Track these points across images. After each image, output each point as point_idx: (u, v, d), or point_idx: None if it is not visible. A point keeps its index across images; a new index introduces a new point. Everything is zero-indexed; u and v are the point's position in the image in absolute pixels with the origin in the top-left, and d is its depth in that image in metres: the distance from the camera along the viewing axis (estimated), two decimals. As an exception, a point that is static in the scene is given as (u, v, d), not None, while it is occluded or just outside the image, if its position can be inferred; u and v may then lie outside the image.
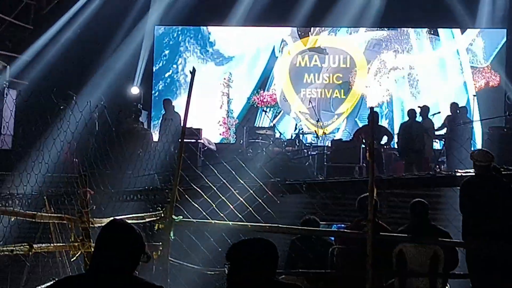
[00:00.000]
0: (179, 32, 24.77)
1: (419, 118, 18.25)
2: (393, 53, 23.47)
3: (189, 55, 24.58)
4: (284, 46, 24.09)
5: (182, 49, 24.75)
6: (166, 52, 24.83)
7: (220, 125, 23.93)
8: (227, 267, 4.45)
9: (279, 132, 21.05)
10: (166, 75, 24.79)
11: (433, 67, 23.33)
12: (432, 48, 23.50)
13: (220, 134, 23.90)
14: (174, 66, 24.71)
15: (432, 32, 23.51)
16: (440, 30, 23.45)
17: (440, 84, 23.09)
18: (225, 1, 23.07)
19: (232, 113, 23.99)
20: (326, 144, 20.00)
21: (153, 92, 24.63)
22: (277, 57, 24.13)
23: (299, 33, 24.04)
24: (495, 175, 9.55)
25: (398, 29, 23.57)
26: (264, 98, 23.54)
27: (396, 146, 19.05)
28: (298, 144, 20.42)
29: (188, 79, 23.16)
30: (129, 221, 4.69)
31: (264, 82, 24.14)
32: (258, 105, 23.23)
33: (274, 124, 20.84)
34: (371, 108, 9.45)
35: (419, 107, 18.99)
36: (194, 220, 9.53)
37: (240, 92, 24.25)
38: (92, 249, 4.68)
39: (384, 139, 18.17)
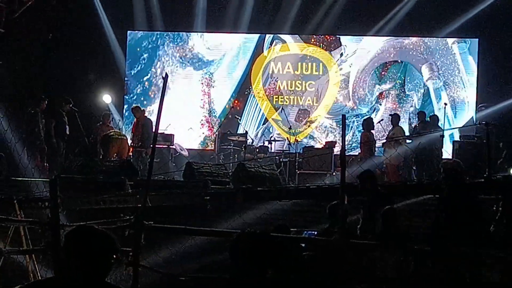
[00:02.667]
0: (158, 36, 24.68)
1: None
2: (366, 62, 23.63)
3: (167, 59, 24.50)
4: (260, 52, 24.11)
5: (161, 53, 24.68)
6: (145, 55, 24.71)
7: (202, 124, 23.91)
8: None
9: (252, 138, 21.04)
10: (144, 78, 24.67)
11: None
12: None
13: (203, 133, 23.92)
14: (153, 69, 24.60)
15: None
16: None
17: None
18: (193, 9, 23.31)
19: (214, 113, 23.96)
20: (298, 151, 19.98)
21: (130, 95, 24.56)
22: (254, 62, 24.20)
23: (274, 39, 24.07)
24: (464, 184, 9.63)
25: (370, 37, 23.67)
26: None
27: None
28: (269, 151, 20.41)
29: (170, 81, 23.37)
30: (100, 227, 4.64)
31: (242, 87, 24.23)
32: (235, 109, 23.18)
33: (246, 131, 20.81)
34: (343, 116, 9.49)
35: (390, 115, 19.16)
36: (165, 226, 9.54)
37: (220, 96, 24.29)
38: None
39: None
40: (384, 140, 19.44)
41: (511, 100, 20.16)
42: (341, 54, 23.62)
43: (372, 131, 18.98)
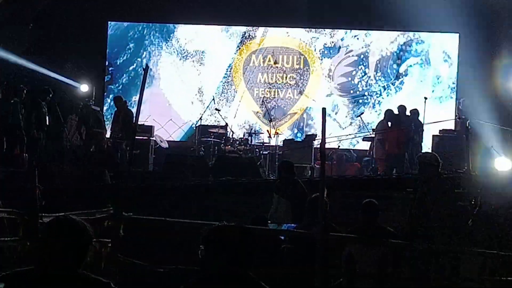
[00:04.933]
0: (145, 26, 24.61)
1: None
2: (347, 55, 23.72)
3: (153, 48, 24.43)
4: (242, 44, 24.13)
5: (147, 43, 24.60)
6: (131, 45, 24.63)
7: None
8: (201, 251, 4.44)
9: (232, 131, 21.02)
10: (130, 68, 24.56)
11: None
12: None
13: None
14: (139, 59, 24.49)
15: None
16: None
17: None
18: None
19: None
20: (278, 144, 19.99)
21: (116, 85, 24.51)
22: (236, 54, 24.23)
23: (254, 32, 24.06)
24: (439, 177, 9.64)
25: (351, 31, 23.77)
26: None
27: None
28: (250, 143, 20.41)
29: (157, 72, 23.40)
30: (79, 217, 4.63)
31: (224, 80, 24.23)
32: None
33: (226, 123, 20.76)
34: (323, 109, 9.47)
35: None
36: (144, 217, 9.53)
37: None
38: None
39: None
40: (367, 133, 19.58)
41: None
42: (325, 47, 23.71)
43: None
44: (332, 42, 23.80)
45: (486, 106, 19.21)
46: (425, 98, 18.93)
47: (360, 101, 23.65)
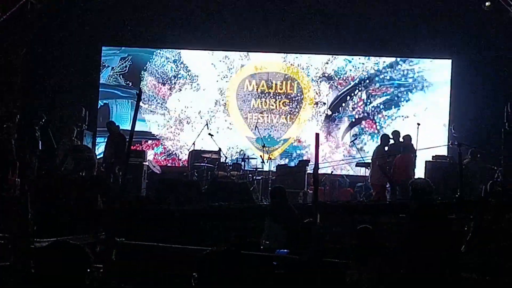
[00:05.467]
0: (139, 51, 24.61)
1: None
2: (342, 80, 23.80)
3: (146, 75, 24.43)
4: (236, 69, 24.15)
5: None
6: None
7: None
8: (195, 278, 4.42)
9: (225, 156, 20.97)
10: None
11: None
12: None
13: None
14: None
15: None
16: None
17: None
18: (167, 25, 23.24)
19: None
20: (271, 169, 19.97)
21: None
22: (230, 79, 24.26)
23: (248, 57, 24.12)
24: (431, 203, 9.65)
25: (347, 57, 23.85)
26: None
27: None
28: (243, 169, 20.39)
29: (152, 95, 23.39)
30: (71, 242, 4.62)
31: (216, 104, 24.24)
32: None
33: (220, 148, 20.70)
34: (317, 134, 9.49)
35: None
36: (136, 243, 9.55)
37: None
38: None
39: None
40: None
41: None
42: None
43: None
44: (326, 67, 23.84)
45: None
46: (418, 124, 18.94)
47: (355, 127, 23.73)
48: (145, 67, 24.33)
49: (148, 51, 24.43)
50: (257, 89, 23.80)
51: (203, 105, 24.01)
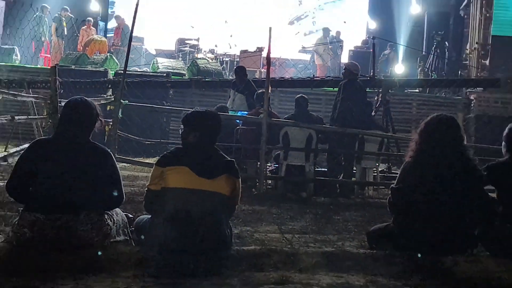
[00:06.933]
0: None
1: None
2: None
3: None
4: None
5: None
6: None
7: None
8: (181, 129, 4.44)
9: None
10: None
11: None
12: None
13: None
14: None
15: None
16: None
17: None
18: None
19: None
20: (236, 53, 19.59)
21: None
22: None
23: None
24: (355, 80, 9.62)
25: None
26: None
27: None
28: (216, 52, 20.06)
29: None
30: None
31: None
32: None
33: (198, 37, 20.12)
34: (270, 28, 9.30)
35: None
36: (137, 104, 9.61)
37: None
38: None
39: None
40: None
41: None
42: None
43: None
44: None
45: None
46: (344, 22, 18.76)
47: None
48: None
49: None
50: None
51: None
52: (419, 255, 4.18)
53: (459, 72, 15.66)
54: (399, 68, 16.91)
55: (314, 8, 22.49)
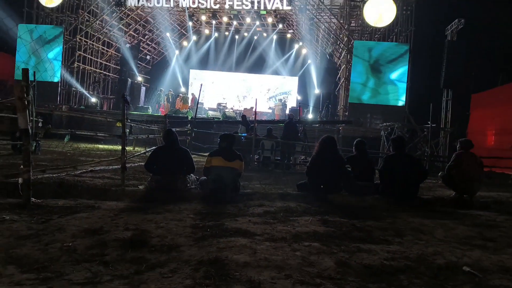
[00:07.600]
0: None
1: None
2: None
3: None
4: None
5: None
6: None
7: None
8: (219, 140, 4.21)
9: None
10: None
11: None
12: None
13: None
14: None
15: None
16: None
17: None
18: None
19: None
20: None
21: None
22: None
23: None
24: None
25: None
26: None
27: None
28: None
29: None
30: (176, 130, 4.41)
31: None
32: None
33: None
34: (256, 99, 8.47)
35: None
36: (200, 130, 8.67)
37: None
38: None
39: None
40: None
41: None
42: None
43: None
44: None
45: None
46: (287, 96, 17.35)
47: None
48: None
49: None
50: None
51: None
52: (317, 195, 4.07)
53: (335, 118, 15.35)
54: (310, 116, 16.64)
55: (276, 91, 20.55)
